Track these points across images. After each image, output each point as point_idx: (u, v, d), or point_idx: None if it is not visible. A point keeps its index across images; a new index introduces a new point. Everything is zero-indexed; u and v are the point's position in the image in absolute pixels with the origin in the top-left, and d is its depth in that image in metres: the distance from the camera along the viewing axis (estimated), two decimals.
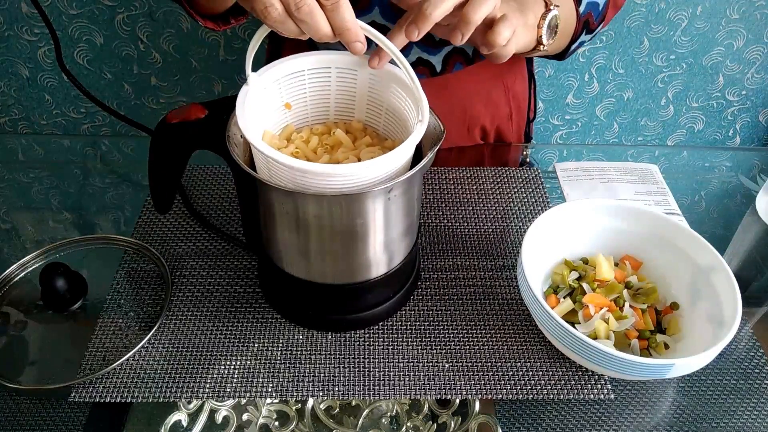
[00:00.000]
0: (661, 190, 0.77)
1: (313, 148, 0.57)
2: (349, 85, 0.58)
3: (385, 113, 0.58)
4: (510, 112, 0.88)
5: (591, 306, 0.58)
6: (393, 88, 0.56)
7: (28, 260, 0.65)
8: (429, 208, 0.75)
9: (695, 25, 1.38)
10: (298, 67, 0.55)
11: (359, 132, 0.60)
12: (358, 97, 0.59)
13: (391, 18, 0.72)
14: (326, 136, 0.58)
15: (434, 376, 0.57)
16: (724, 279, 0.56)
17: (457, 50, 0.78)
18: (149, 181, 0.59)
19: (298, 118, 0.60)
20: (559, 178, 0.79)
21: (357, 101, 0.59)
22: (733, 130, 1.61)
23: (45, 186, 0.79)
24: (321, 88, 0.58)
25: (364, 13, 0.71)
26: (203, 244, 0.69)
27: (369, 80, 0.57)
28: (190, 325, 0.61)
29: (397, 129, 0.58)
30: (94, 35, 1.35)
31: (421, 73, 0.79)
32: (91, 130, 1.55)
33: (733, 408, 0.56)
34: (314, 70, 0.56)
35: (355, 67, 0.56)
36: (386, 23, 0.73)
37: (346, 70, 0.57)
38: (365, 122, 0.61)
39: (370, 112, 0.60)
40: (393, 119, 0.58)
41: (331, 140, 0.57)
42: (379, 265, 0.57)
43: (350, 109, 0.60)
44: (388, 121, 0.59)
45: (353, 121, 0.61)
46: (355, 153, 0.55)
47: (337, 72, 0.57)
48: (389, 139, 0.59)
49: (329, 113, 0.61)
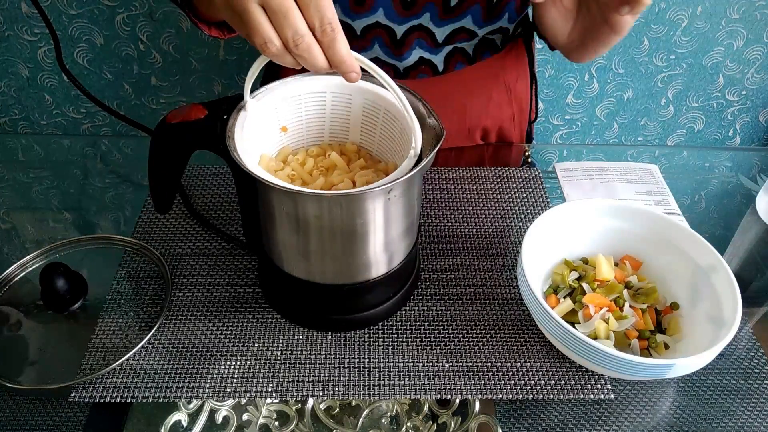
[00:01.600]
0: (661, 190, 0.77)
1: (308, 170, 0.58)
2: (343, 108, 0.60)
3: (379, 136, 0.60)
4: (512, 113, 0.88)
5: (591, 306, 0.58)
6: (385, 113, 0.58)
7: (28, 260, 0.65)
8: (429, 208, 0.75)
9: (695, 25, 1.38)
10: (294, 92, 0.58)
11: (353, 154, 0.62)
12: (352, 120, 0.61)
13: (393, 19, 0.72)
14: (321, 158, 0.60)
15: (434, 376, 0.57)
16: (724, 279, 0.56)
17: (459, 50, 0.78)
18: (149, 181, 0.59)
19: (295, 139, 0.62)
20: (559, 178, 0.79)
21: (351, 124, 0.61)
22: (733, 130, 1.61)
23: (45, 186, 0.79)
24: (316, 111, 0.60)
25: (368, 14, 0.72)
26: (203, 244, 0.69)
27: (363, 104, 0.59)
28: (190, 325, 0.61)
29: (390, 152, 0.59)
30: (94, 35, 1.35)
31: (423, 73, 0.79)
32: (91, 130, 1.55)
33: (733, 408, 0.56)
34: (310, 94, 0.59)
35: (350, 92, 0.58)
36: (390, 24, 0.73)
37: (340, 94, 0.59)
38: (359, 144, 0.62)
39: (364, 135, 0.61)
40: (386, 142, 0.60)
41: (326, 162, 0.59)
42: (379, 265, 0.57)
43: (345, 130, 0.62)
44: (381, 143, 0.60)
45: (347, 143, 0.62)
46: (349, 176, 0.57)
47: (332, 96, 0.59)
48: (382, 162, 0.60)
49: (324, 135, 0.62)
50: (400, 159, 0.53)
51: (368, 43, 0.75)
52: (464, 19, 0.72)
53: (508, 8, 0.73)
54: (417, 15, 0.72)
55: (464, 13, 0.72)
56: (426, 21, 0.72)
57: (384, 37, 0.74)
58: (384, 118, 0.58)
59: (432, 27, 0.73)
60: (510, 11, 0.73)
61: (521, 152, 0.91)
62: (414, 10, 0.71)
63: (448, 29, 0.74)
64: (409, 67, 0.78)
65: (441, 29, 0.74)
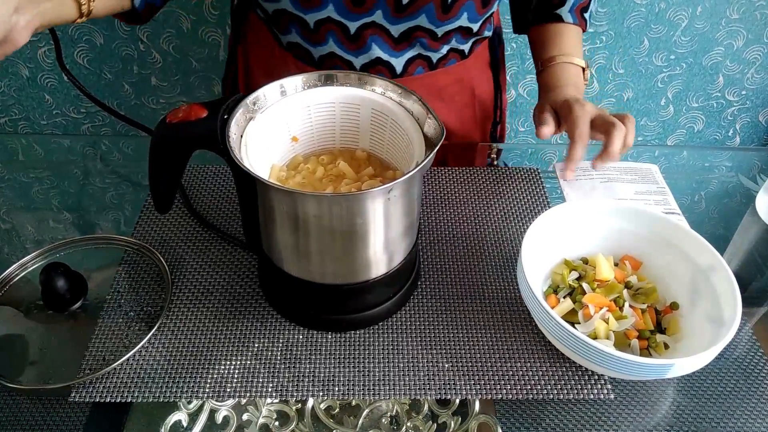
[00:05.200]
0: (661, 190, 0.77)
1: (319, 178, 0.59)
2: (352, 118, 0.61)
3: (387, 144, 0.61)
4: (475, 114, 0.89)
5: (591, 306, 0.58)
6: (392, 124, 0.58)
7: (28, 260, 0.65)
8: (429, 208, 0.75)
9: (695, 25, 1.38)
10: (303, 103, 0.59)
11: (363, 161, 0.62)
12: (361, 129, 0.61)
13: (345, 15, 0.72)
14: (331, 166, 0.61)
15: (434, 376, 0.57)
16: (724, 279, 0.56)
17: (421, 56, 0.78)
18: (149, 181, 0.59)
19: (306, 146, 0.63)
20: (559, 178, 0.79)
21: (360, 132, 0.62)
22: (733, 130, 1.61)
23: (45, 186, 0.79)
24: (326, 120, 0.61)
25: (319, 9, 0.71)
26: (203, 244, 0.69)
27: (371, 115, 0.59)
28: (190, 325, 0.61)
29: (398, 159, 0.60)
30: (94, 35, 1.35)
31: (380, 72, 0.79)
32: (91, 130, 1.55)
33: (733, 408, 0.56)
34: (319, 105, 0.60)
35: (358, 102, 0.59)
36: (341, 19, 0.72)
37: (348, 105, 0.60)
38: (369, 150, 0.63)
39: (373, 142, 0.62)
40: (394, 150, 0.60)
41: (336, 171, 0.60)
42: (379, 265, 0.57)
43: (355, 138, 0.63)
44: (390, 151, 0.61)
45: (357, 149, 0.63)
46: (357, 185, 0.58)
47: (341, 107, 0.60)
48: (390, 170, 0.61)
49: (335, 141, 0.63)
50: (408, 167, 0.54)
51: (323, 38, 0.75)
52: (419, 18, 0.72)
53: (466, 7, 0.72)
54: (368, 12, 0.71)
55: (418, 11, 0.71)
56: (378, 18, 0.72)
57: (338, 33, 0.74)
58: (392, 126, 0.59)
59: (386, 24, 0.73)
60: (468, 10, 0.73)
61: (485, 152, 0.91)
62: (365, 7, 0.71)
63: (403, 27, 0.73)
64: (367, 64, 0.77)
65: (395, 27, 0.73)
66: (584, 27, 0.82)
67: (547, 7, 0.81)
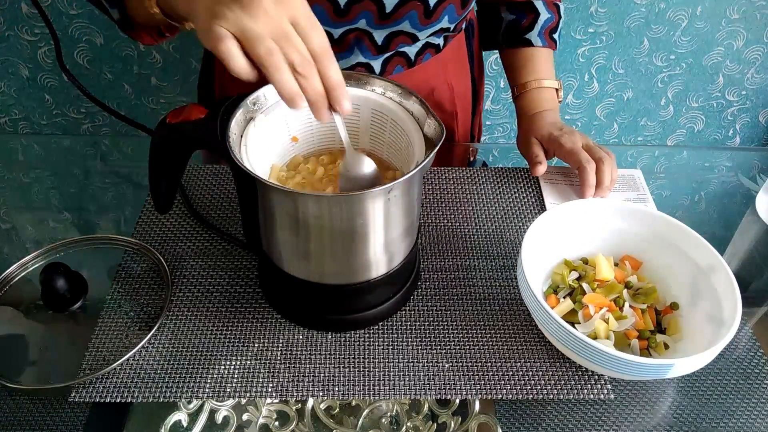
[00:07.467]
0: (642, 198, 0.76)
1: (318, 178, 0.59)
2: (352, 118, 0.60)
3: (387, 144, 0.61)
4: (455, 111, 0.89)
5: (591, 306, 0.58)
6: (392, 124, 0.58)
7: (28, 260, 0.65)
8: (429, 208, 0.75)
9: (695, 25, 1.38)
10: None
11: None
12: (361, 129, 0.61)
13: (372, 25, 0.72)
14: (331, 166, 0.61)
15: (434, 376, 0.57)
16: (724, 279, 0.56)
17: (399, 54, 0.78)
18: (149, 181, 0.59)
19: (306, 145, 0.63)
20: (540, 180, 0.78)
21: (360, 132, 0.62)
22: (733, 130, 1.61)
23: (45, 186, 0.79)
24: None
25: (351, 23, 0.71)
26: (203, 244, 0.69)
27: (371, 115, 0.59)
28: (190, 325, 0.61)
29: (398, 159, 0.60)
30: (94, 35, 1.35)
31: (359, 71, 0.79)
32: (91, 130, 1.55)
33: (733, 408, 0.56)
34: None
35: (358, 102, 0.59)
36: (370, 29, 0.72)
37: None
38: (370, 150, 0.63)
39: (373, 141, 0.62)
40: (394, 150, 0.60)
41: (336, 171, 0.60)
42: (379, 266, 0.57)
43: (355, 137, 0.62)
44: (390, 151, 0.61)
45: (358, 149, 0.63)
46: None
47: None
48: (390, 170, 0.61)
49: (335, 141, 0.63)
50: (407, 167, 0.54)
51: None
52: (402, 23, 0.72)
53: (447, 10, 0.73)
54: (352, 21, 0.71)
55: (401, 18, 0.71)
56: (363, 26, 0.72)
57: None
58: (392, 127, 0.59)
59: (370, 29, 0.73)
60: (449, 12, 0.73)
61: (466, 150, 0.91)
62: (349, 16, 0.71)
63: (386, 32, 0.73)
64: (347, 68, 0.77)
65: (379, 32, 0.73)
66: (554, 47, 0.85)
67: (516, 32, 0.84)
